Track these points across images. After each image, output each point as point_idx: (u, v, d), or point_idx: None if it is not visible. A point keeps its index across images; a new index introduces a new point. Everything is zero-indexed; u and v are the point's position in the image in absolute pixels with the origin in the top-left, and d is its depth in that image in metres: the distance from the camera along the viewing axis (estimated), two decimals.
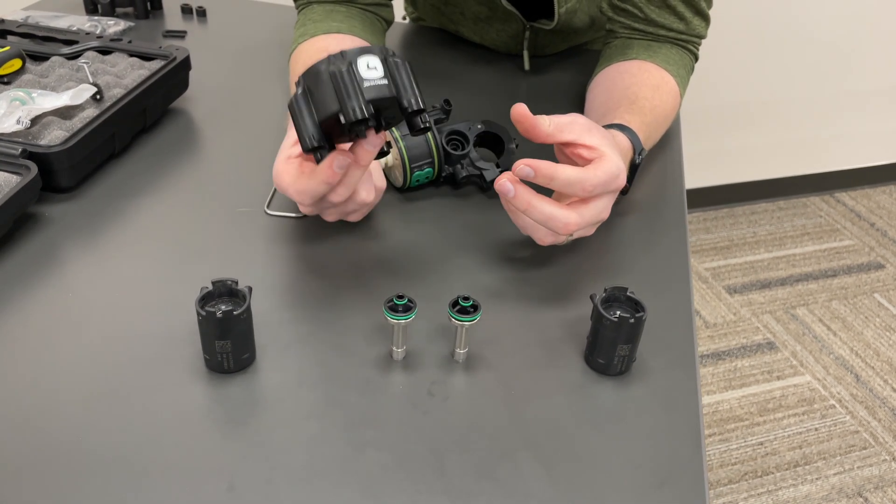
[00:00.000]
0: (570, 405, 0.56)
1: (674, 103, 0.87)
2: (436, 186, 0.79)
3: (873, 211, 2.53)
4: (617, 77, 0.88)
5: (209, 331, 0.55)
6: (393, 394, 0.56)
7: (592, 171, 0.63)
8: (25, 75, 0.87)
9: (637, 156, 0.74)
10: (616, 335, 0.56)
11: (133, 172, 0.80)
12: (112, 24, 1.09)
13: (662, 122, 0.84)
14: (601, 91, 0.88)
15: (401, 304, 0.56)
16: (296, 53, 0.88)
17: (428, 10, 1.15)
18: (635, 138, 0.75)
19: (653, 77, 0.86)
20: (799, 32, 2.26)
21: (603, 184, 0.63)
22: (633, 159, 0.75)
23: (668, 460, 0.53)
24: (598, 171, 0.63)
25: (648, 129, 0.79)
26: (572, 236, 0.65)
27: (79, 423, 0.53)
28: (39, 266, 0.66)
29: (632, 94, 0.83)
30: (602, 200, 0.64)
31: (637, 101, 0.81)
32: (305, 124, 0.58)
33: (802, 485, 1.63)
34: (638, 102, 0.81)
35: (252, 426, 0.54)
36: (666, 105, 0.85)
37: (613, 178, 0.63)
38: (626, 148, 0.74)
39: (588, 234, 0.67)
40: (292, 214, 0.74)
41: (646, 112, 0.80)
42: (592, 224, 0.65)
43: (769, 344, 1.99)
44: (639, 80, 0.85)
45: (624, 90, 0.84)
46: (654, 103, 0.83)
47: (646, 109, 0.80)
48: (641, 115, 0.79)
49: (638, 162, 0.75)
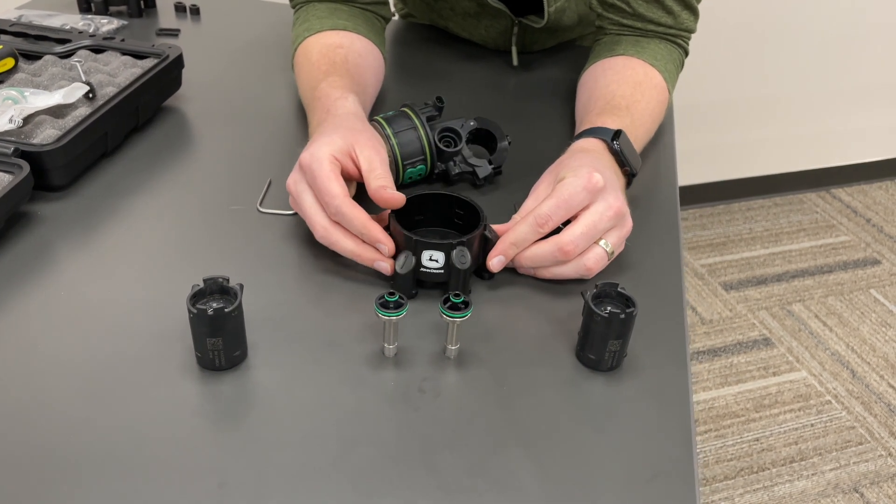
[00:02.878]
0: (561, 400, 0.57)
1: (659, 98, 0.87)
2: (428, 183, 0.80)
3: (869, 207, 2.53)
4: (600, 75, 0.88)
5: (200, 328, 0.55)
6: (384, 390, 0.57)
7: (543, 203, 0.65)
8: (18, 74, 0.87)
9: (613, 142, 0.74)
10: (607, 331, 0.57)
11: (126, 171, 0.80)
12: (105, 23, 1.09)
13: (646, 118, 0.84)
14: (584, 91, 0.89)
15: (392, 300, 0.56)
16: (303, 47, 0.88)
17: (418, 5, 1.15)
18: (604, 132, 0.75)
19: (636, 73, 0.86)
20: (795, 29, 2.26)
21: (556, 205, 0.64)
22: (612, 148, 0.74)
23: (659, 454, 0.53)
24: (548, 201, 0.64)
25: (627, 127, 0.78)
26: (611, 250, 0.66)
27: (71, 420, 0.53)
28: (32, 265, 0.66)
29: (609, 93, 0.83)
30: (592, 207, 0.65)
31: (613, 100, 0.82)
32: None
33: (798, 480, 1.63)
34: (614, 101, 0.82)
35: (244, 423, 0.54)
36: (649, 100, 0.85)
37: (570, 195, 0.64)
38: (598, 149, 0.74)
39: (618, 239, 0.67)
40: (285, 212, 0.74)
41: (622, 110, 0.80)
42: (600, 229, 0.65)
43: (765, 340, 1.99)
44: (620, 78, 0.86)
45: (604, 89, 0.85)
46: (635, 99, 0.83)
47: (622, 107, 0.81)
48: (617, 114, 0.79)
49: (617, 148, 0.74)
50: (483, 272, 0.67)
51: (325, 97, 0.77)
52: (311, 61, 0.85)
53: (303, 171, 0.66)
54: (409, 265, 0.62)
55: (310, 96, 0.81)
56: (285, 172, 0.80)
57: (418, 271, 0.63)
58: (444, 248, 0.62)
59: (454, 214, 0.69)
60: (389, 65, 1.11)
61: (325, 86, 0.79)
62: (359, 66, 0.86)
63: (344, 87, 0.78)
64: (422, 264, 0.63)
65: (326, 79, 0.80)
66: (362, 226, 0.63)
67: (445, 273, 0.63)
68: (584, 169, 0.66)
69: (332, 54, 0.85)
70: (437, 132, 0.77)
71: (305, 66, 0.86)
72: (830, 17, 2.27)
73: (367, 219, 0.63)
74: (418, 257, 0.63)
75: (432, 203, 0.69)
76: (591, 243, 0.65)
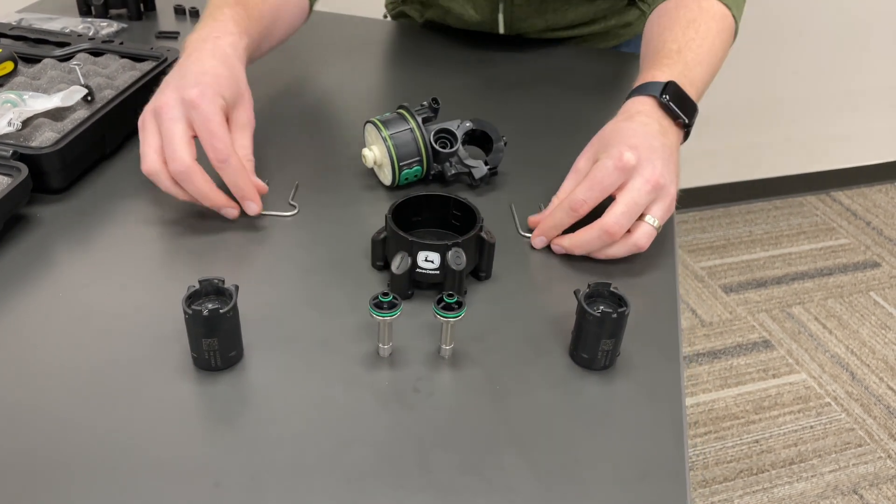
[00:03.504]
0: (554, 399, 0.57)
1: (720, 27, 0.85)
2: (424, 184, 0.80)
3: (869, 210, 2.53)
4: (655, 24, 0.88)
5: (196, 329, 0.55)
6: (379, 390, 0.57)
7: (578, 188, 0.68)
8: (17, 77, 0.87)
9: (662, 96, 0.74)
10: (599, 330, 0.57)
11: (124, 173, 0.80)
12: (105, 26, 1.10)
13: (703, 55, 0.82)
14: (643, 45, 0.89)
15: (386, 301, 0.56)
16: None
17: None
18: (654, 87, 0.75)
19: (689, 12, 0.85)
20: (795, 32, 2.27)
21: (589, 187, 0.67)
22: (661, 103, 0.74)
23: (650, 453, 0.53)
24: (582, 185, 0.68)
25: (680, 72, 0.78)
26: (657, 224, 0.68)
27: (68, 420, 0.53)
28: (30, 266, 0.67)
29: (661, 41, 0.83)
30: (629, 185, 0.66)
31: (665, 46, 0.81)
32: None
33: (798, 482, 1.63)
34: (665, 48, 0.81)
35: (239, 423, 0.54)
36: (706, 34, 0.83)
37: (603, 177, 0.67)
38: (647, 109, 0.73)
39: (662, 211, 0.68)
40: (284, 214, 0.75)
41: (672, 56, 0.80)
42: (641, 205, 0.66)
43: (765, 342, 1.99)
44: (672, 21, 0.85)
45: (657, 38, 0.84)
46: (689, 38, 0.82)
47: (673, 53, 0.80)
48: (668, 63, 0.79)
49: (666, 101, 0.73)
50: (479, 273, 0.68)
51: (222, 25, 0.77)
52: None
53: (187, 103, 0.67)
54: (405, 266, 0.63)
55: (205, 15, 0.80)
56: (285, 173, 0.81)
57: (414, 272, 0.63)
58: (440, 249, 0.63)
59: (451, 215, 0.70)
60: (384, 67, 1.12)
61: (227, 11, 0.79)
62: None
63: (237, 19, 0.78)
64: (417, 265, 0.63)
65: (230, 5, 0.79)
66: (242, 178, 0.68)
67: (441, 274, 0.63)
68: (616, 148, 0.67)
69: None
70: (432, 133, 0.77)
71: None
72: (831, 20, 2.27)
73: (246, 176, 0.69)
74: (414, 258, 0.63)
75: (428, 204, 0.70)
76: (633, 220, 0.67)
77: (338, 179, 0.81)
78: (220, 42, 0.75)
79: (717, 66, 0.85)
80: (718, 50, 0.85)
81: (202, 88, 0.68)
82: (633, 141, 0.68)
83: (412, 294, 0.65)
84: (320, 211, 0.76)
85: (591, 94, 1.01)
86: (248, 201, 0.69)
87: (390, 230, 0.65)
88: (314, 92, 1.00)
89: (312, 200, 0.77)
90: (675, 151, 0.72)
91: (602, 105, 0.95)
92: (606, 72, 1.08)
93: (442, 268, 0.63)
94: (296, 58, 1.06)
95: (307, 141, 0.88)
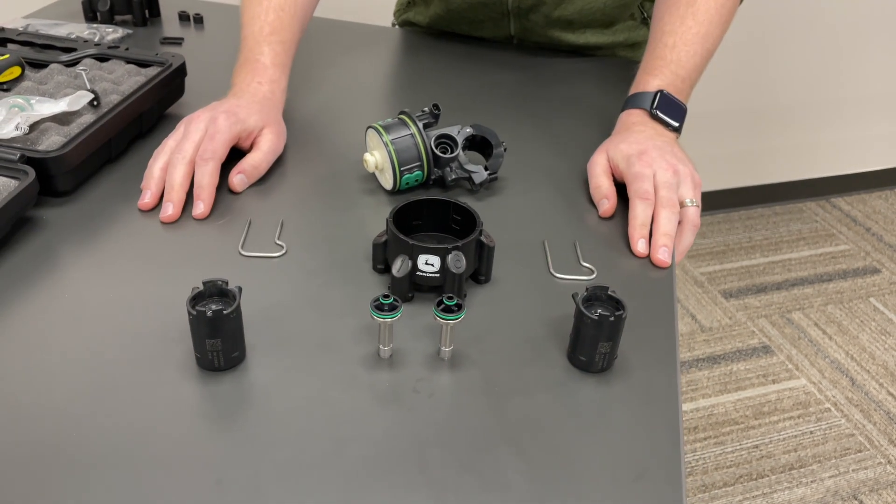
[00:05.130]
0: (552, 401, 0.58)
1: (717, 6, 0.88)
2: (425, 189, 0.81)
3: (869, 216, 2.54)
4: (656, 13, 0.93)
5: (200, 330, 0.56)
6: (379, 391, 0.58)
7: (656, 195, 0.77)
8: (24, 82, 0.89)
9: (653, 109, 0.83)
10: (597, 333, 0.58)
11: (129, 177, 0.81)
12: (111, 32, 1.11)
13: (697, 43, 0.87)
14: (652, 23, 0.94)
15: (386, 303, 0.57)
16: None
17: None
18: (643, 99, 0.83)
19: (680, 2, 0.89)
20: (795, 38, 2.28)
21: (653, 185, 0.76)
22: (652, 114, 0.83)
23: (646, 455, 0.54)
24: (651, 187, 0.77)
25: (673, 72, 0.85)
26: (696, 202, 0.77)
27: (73, 419, 0.54)
28: (36, 268, 0.68)
29: (658, 32, 0.89)
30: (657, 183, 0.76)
31: (661, 40, 0.87)
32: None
33: (797, 488, 1.64)
34: (659, 45, 0.87)
35: (241, 422, 0.55)
36: (705, 14, 0.87)
37: (634, 179, 0.77)
38: (639, 121, 0.83)
39: (692, 191, 0.78)
40: (271, 255, 0.71)
41: (666, 53, 0.86)
42: (674, 194, 0.76)
43: (764, 348, 2.00)
44: (672, 7, 0.89)
45: (656, 30, 0.90)
46: (686, 27, 0.87)
47: (667, 48, 0.87)
48: (660, 64, 0.86)
49: (656, 113, 0.83)
50: (479, 276, 0.68)
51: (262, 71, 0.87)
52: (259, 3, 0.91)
53: (212, 119, 0.79)
54: (406, 269, 0.64)
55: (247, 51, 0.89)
56: (286, 176, 0.82)
57: (414, 275, 0.64)
58: (440, 253, 0.64)
59: (451, 219, 0.71)
60: (387, 73, 1.13)
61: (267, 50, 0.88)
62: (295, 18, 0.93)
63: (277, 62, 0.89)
64: (418, 268, 0.64)
65: (269, 42, 0.89)
66: (208, 180, 0.75)
67: (441, 277, 0.64)
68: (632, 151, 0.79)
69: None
70: (433, 139, 0.78)
71: (251, 6, 0.92)
72: (831, 26, 2.28)
73: (212, 183, 0.76)
74: (414, 261, 0.64)
75: (429, 208, 0.71)
76: (677, 210, 0.75)
77: (339, 183, 0.82)
78: (262, 88, 0.86)
79: (715, 43, 0.90)
80: (717, 24, 0.89)
81: (228, 110, 0.80)
82: (638, 146, 0.78)
83: (412, 296, 0.66)
84: (322, 214, 0.77)
85: (591, 100, 1.02)
86: (199, 201, 0.75)
87: (391, 234, 0.66)
88: (317, 98, 1.01)
89: (314, 204, 0.78)
90: (675, 142, 0.83)
91: (603, 111, 0.96)
92: (608, 78, 1.09)
93: (442, 271, 0.64)
94: (300, 64, 1.07)
95: (310, 146, 0.89)
